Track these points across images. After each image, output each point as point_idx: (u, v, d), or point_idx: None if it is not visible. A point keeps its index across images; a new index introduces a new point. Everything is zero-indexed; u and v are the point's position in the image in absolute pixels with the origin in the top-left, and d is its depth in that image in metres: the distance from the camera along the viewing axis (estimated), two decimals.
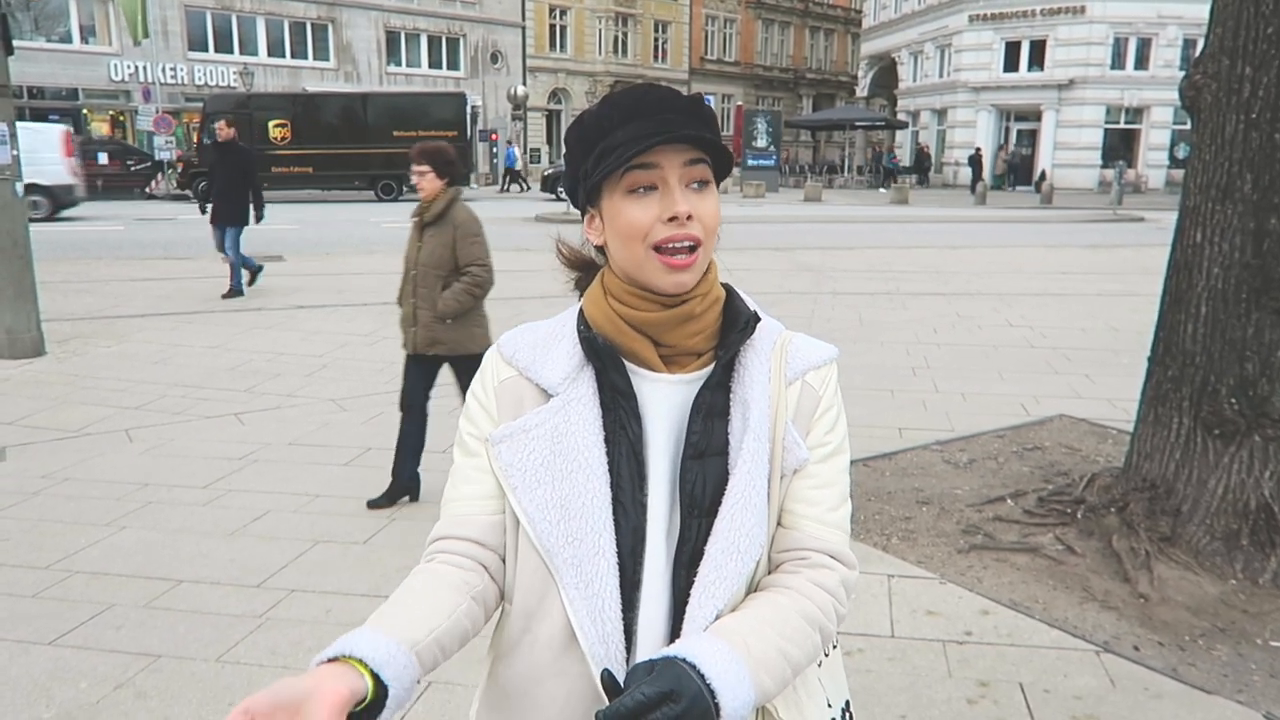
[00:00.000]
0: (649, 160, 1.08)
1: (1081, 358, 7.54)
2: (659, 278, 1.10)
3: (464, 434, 1.20)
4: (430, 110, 27.70)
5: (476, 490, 1.17)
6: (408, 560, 3.78)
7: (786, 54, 53.37)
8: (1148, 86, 33.23)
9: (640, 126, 1.08)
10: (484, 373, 1.21)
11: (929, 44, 38.98)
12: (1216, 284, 3.71)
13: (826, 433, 1.18)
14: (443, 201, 4.30)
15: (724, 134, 25.26)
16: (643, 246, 1.10)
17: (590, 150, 1.12)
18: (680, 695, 0.92)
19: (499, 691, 1.17)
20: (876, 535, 4.07)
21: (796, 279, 12.05)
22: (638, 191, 1.10)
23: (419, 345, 4.37)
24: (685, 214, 1.08)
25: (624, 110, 1.10)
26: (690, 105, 1.11)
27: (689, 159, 1.10)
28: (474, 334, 4.34)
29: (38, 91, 30.06)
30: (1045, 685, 2.94)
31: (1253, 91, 3.57)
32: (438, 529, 1.19)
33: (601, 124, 1.11)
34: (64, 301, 9.47)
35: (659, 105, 1.10)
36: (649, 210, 1.09)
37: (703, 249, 1.11)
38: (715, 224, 1.12)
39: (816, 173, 38.43)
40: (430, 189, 4.29)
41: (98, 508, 4.34)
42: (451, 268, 4.30)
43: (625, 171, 1.09)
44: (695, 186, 1.11)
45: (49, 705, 2.81)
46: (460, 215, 4.31)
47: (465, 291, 4.26)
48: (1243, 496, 3.67)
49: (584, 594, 1.08)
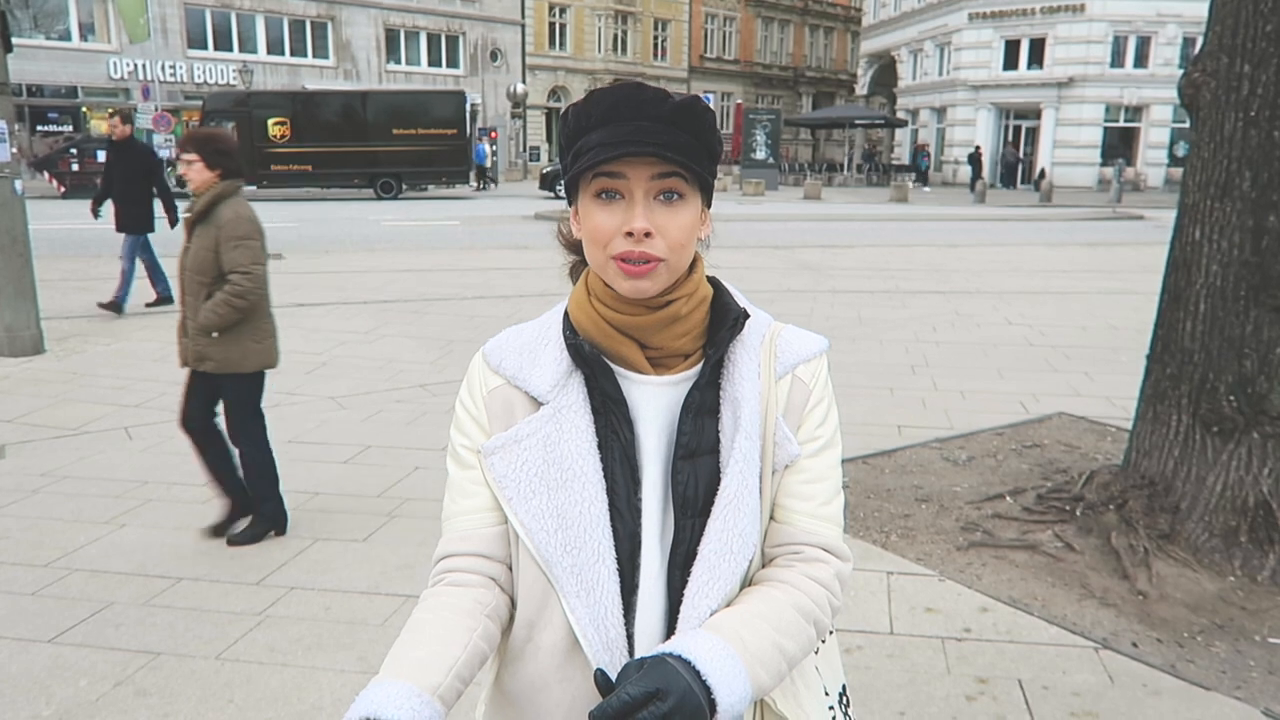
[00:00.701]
0: (615, 169, 1.06)
1: (1080, 355, 7.54)
2: (618, 282, 1.09)
3: (456, 445, 1.19)
4: (430, 108, 27.72)
5: (475, 504, 1.15)
6: (407, 558, 3.79)
7: (786, 52, 53.36)
8: (1147, 85, 33.23)
9: (612, 132, 1.05)
10: (470, 381, 1.19)
11: (929, 42, 38.98)
12: (1215, 281, 3.72)
13: (818, 427, 1.17)
14: (208, 197, 3.75)
15: (723, 132, 25.09)
16: (604, 253, 1.08)
17: (571, 145, 1.10)
18: (667, 693, 0.92)
19: (504, 698, 1.17)
20: (875, 532, 4.07)
21: (796, 277, 12.06)
22: (602, 197, 1.08)
23: (189, 360, 3.86)
24: (642, 231, 1.05)
25: (602, 111, 1.07)
26: (671, 113, 1.06)
27: (659, 172, 1.06)
28: (247, 351, 3.84)
29: (37, 90, 30.05)
30: (1044, 682, 2.94)
31: (1251, 89, 3.57)
32: (442, 547, 1.17)
33: (580, 122, 1.09)
34: (63, 299, 9.47)
35: (636, 110, 1.06)
36: (612, 218, 1.07)
37: (664, 265, 1.07)
38: (684, 238, 1.08)
39: (816, 171, 38.42)
40: (198, 181, 3.75)
41: (97, 505, 4.34)
42: (216, 274, 3.75)
43: (594, 176, 1.08)
44: (663, 198, 1.07)
45: (49, 703, 2.81)
46: (226, 214, 3.74)
47: (224, 303, 3.71)
48: (1241, 493, 3.67)
49: (585, 601, 1.08)
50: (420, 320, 8.88)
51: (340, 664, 3.03)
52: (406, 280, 11.38)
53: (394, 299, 10.00)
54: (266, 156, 26.14)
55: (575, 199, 1.14)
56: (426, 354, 7.48)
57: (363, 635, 3.21)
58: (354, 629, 3.25)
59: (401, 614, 3.34)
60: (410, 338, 8.08)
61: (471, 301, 9.92)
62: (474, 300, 10.00)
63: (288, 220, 19.22)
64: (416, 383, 6.60)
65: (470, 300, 10.00)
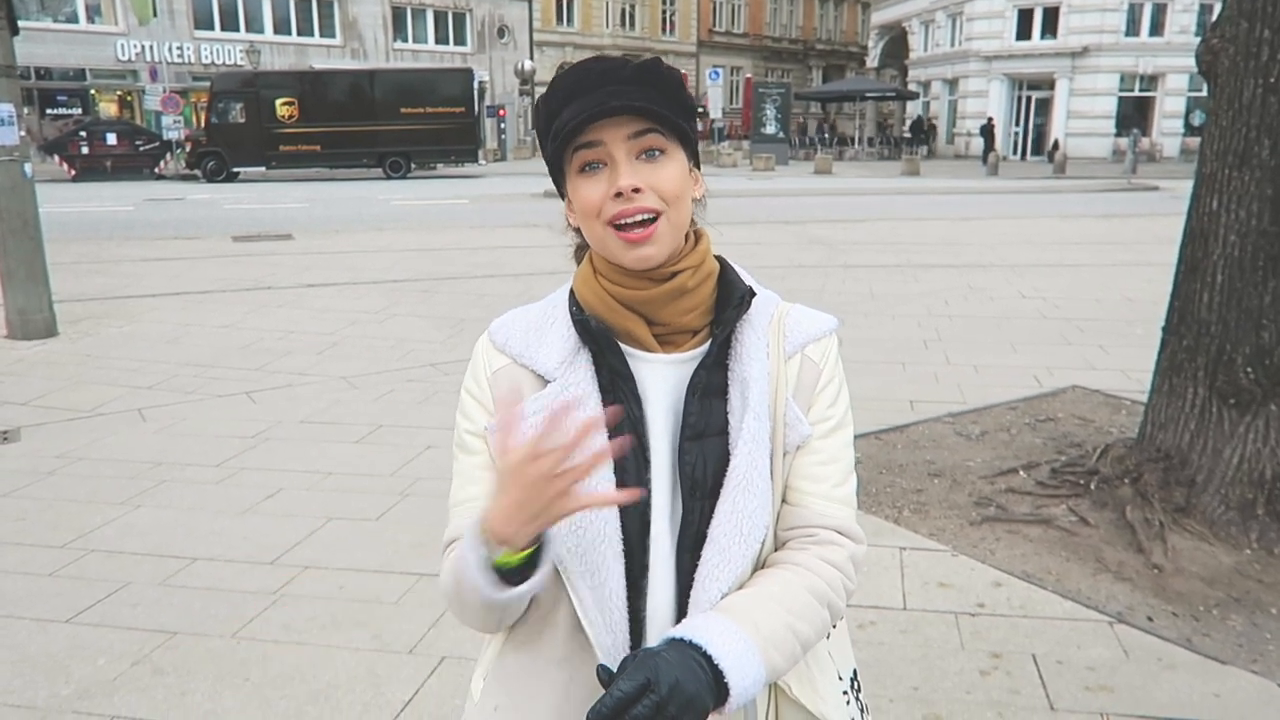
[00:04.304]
0: (591, 139, 1.06)
1: (1095, 328, 7.48)
2: (621, 254, 1.08)
3: (462, 432, 1.17)
4: (437, 86, 27.59)
5: (486, 489, 1.13)
6: (420, 536, 3.80)
7: (796, 25, 52.84)
8: (1163, 53, 32.75)
9: (581, 104, 1.05)
10: (475, 365, 1.18)
11: (940, 13, 38.48)
12: (1233, 252, 3.66)
13: (829, 407, 1.16)
14: None
15: (733, 106, 25.38)
16: (600, 224, 1.08)
17: (547, 133, 1.10)
18: (657, 683, 0.90)
19: (505, 672, 1.16)
20: (888, 508, 4.06)
21: (808, 252, 11.99)
22: (586, 170, 1.08)
23: None
24: (630, 187, 1.05)
25: (567, 89, 1.07)
26: (636, 73, 1.07)
27: (634, 130, 1.06)
28: None
29: (45, 73, 30.07)
30: (1058, 656, 2.94)
31: (1271, 55, 3.50)
32: (452, 531, 1.15)
33: (550, 106, 1.09)
34: (75, 282, 9.50)
35: (600, 79, 1.06)
36: (598, 187, 1.07)
37: (664, 219, 1.07)
38: (676, 190, 1.08)
39: (827, 145, 38.14)
40: None
41: (112, 487, 4.37)
42: None
43: (574, 151, 1.07)
44: (645, 157, 1.07)
45: (68, 681, 2.84)
46: None
47: None
48: (1258, 466, 3.64)
49: (590, 583, 1.07)
50: (430, 299, 8.88)
51: (355, 642, 3.04)
52: (416, 259, 11.38)
53: (404, 278, 9.99)
54: (275, 137, 26.11)
55: (564, 186, 1.13)
56: (437, 333, 7.49)
57: (377, 613, 3.23)
58: (368, 607, 3.27)
59: (415, 592, 3.36)
60: (421, 317, 8.08)
61: (482, 280, 9.91)
62: (484, 279, 9.98)
63: (297, 201, 19.25)
64: (427, 362, 6.60)
65: (480, 279, 9.98)
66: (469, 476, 1.15)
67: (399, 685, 2.81)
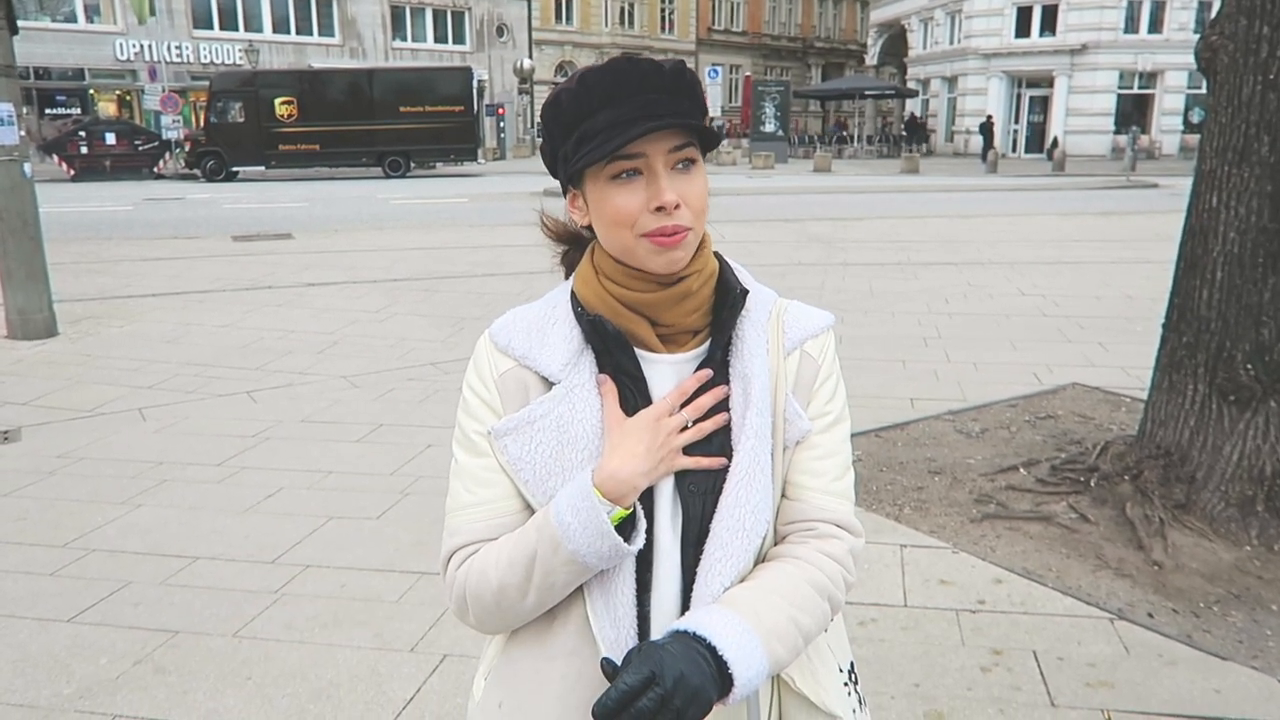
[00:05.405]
0: (634, 150, 1.04)
1: (1095, 326, 7.49)
2: (650, 260, 1.08)
3: (469, 433, 1.15)
4: (436, 85, 27.58)
5: (498, 491, 1.12)
6: (420, 535, 3.80)
7: (795, 23, 52.82)
8: (1162, 50, 32.72)
9: (622, 110, 1.04)
10: (479, 366, 1.16)
11: (939, 10, 38.46)
12: (1232, 249, 3.67)
13: (827, 402, 1.17)
14: None
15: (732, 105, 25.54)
16: (631, 234, 1.07)
17: (570, 132, 1.08)
18: (662, 675, 0.91)
19: (510, 667, 1.16)
20: (889, 505, 4.07)
21: (807, 250, 11.99)
22: (621, 177, 1.06)
23: None
24: (673, 204, 1.05)
25: (603, 91, 1.05)
26: (672, 81, 1.06)
27: (676, 144, 1.06)
28: None
29: (44, 72, 30.05)
30: (1059, 653, 2.94)
31: (1271, 51, 3.50)
32: (465, 535, 1.12)
33: (580, 105, 1.06)
34: (75, 282, 9.50)
35: (640, 84, 1.05)
36: (635, 197, 1.06)
37: (691, 232, 1.08)
38: (703, 205, 1.09)
39: (826, 143, 38.11)
40: None
41: (113, 486, 4.37)
42: None
43: (611, 159, 1.06)
44: (681, 167, 1.07)
45: (69, 681, 2.84)
46: None
47: None
48: (1258, 463, 3.65)
49: (598, 579, 1.08)
50: (431, 298, 8.88)
51: (356, 640, 3.05)
52: (416, 258, 11.37)
53: (404, 277, 9.99)
54: (274, 136, 26.11)
55: (580, 184, 1.11)
56: (437, 332, 7.49)
57: (378, 612, 3.23)
58: (370, 606, 3.27)
59: (416, 590, 3.36)
60: (421, 316, 8.08)
61: (482, 279, 9.91)
62: (484, 278, 9.98)
63: (296, 200, 19.24)
64: (428, 361, 6.60)
65: (480, 278, 9.98)
66: (479, 479, 1.13)
67: (400, 683, 2.81)
